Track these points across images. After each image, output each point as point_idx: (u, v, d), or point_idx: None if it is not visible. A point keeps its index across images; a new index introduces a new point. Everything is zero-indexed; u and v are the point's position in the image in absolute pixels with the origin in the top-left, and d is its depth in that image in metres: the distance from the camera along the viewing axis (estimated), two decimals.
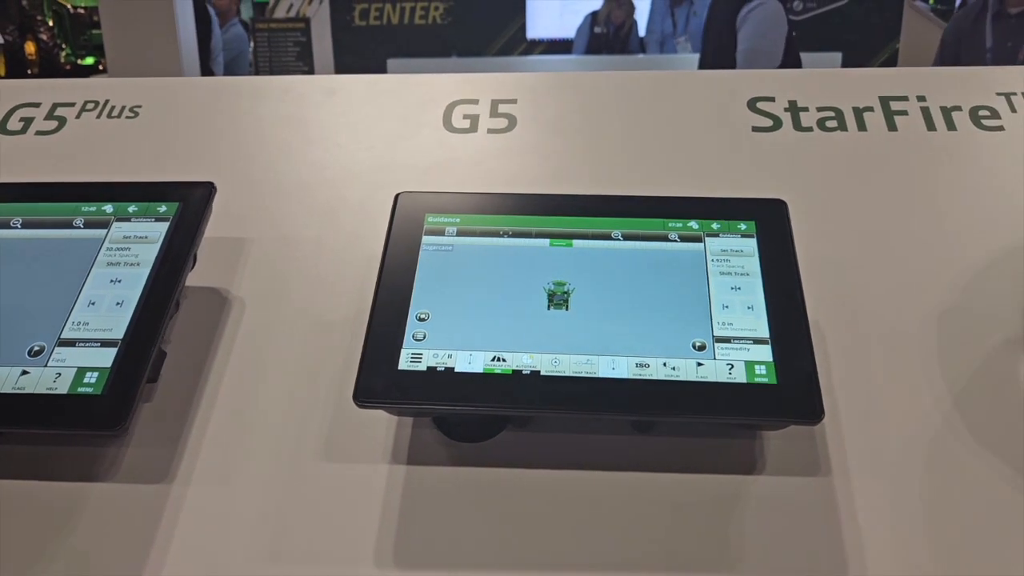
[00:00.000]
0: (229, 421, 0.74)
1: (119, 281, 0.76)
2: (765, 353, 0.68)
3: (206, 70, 4.26)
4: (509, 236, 0.77)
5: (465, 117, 0.99)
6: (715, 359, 0.68)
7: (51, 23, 6.79)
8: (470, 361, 0.69)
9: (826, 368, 0.75)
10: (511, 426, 0.73)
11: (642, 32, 5.70)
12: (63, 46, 6.83)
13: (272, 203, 0.91)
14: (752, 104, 0.97)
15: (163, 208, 0.81)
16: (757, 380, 0.67)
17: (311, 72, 5.44)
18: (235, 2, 5.13)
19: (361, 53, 6.21)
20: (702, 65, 3.97)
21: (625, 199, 0.79)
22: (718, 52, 3.91)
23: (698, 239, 0.76)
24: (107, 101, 1.02)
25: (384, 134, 0.98)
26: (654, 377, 0.67)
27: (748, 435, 0.71)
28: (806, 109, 0.96)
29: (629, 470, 0.70)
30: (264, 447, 0.73)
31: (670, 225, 0.77)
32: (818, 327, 0.78)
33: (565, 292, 0.73)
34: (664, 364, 0.68)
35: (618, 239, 0.76)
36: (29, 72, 6.43)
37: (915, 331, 0.77)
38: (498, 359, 0.69)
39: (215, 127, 1.00)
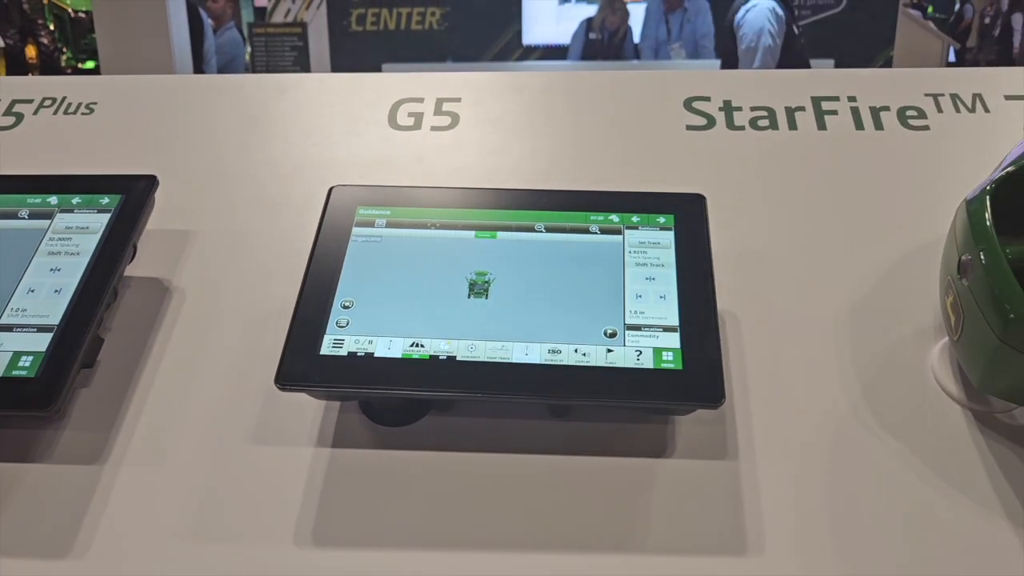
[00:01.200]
0: (163, 405, 0.77)
1: (59, 270, 0.78)
2: (673, 340, 0.71)
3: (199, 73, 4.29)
4: (436, 228, 0.79)
5: (410, 115, 1.02)
6: (625, 346, 0.71)
7: (52, 27, 6.83)
8: (389, 347, 0.71)
9: (740, 357, 0.77)
10: (434, 411, 0.75)
11: (637, 39, 5.73)
12: (64, 50, 6.88)
13: (218, 197, 0.94)
14: (688, 103, 1.00)
15: (106, 200, 0.83)
16: (664, 366, 0.69)
17: None
18: (231, 6, 5.16)
19: (357, 58, 6.24)
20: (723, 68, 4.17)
21: (550, 193, 0.82)
22: (727, 56, 4.07)
23: (618, 231, 0.78)
24: (64, 98, 1.05)
25: (331, 131, 1.00)
26: (565, 363, 0.70)
27: (660, 420, 0.74)
28: (740, 109, 0.99)
29: (546, 453, 0.72)
30: (196, 430, 0.75)
31: (592, 218, 0.79)
32: (735, 317, 0.80)
33: (486, 281, 0.75)
34: (575, 350, 0.70)
35: (541, 231, 0.79)
36: (30, 75, 6.47)
37: (829, 322, 0.79)
38: (416, 345, 0.71)
39: (168, 123, 1.03)
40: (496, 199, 0.81)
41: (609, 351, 0.70)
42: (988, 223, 0.67)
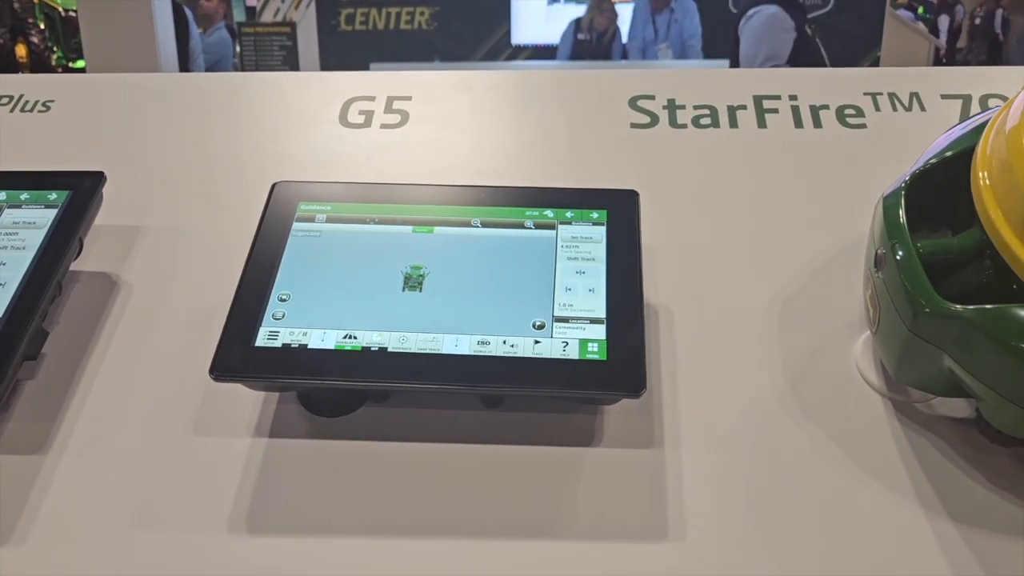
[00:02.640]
0: (106, 397, 0.78)
1: (4, 264, 0.80)
2: (599, 332, 0.73)
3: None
4: (375, 223, 0.81)
5: (360, 113, 1.04)
6: (552, 337, 0.72)
7: (42, 26, 6.82)
8: (323, 339, 0.73)
9: (671, 349, 0.79)
10: (370, 402, 0.77)
11: (625, 39, 5.75)
12: (54, 49, 6.87)
13: (169, 194, 0.96)
14: (633, 102, 1.02)
15: (53, 196, 0.85)
16: (588, 356, 0.71)
17: None
18: (223, 7, 5.17)
19: (346, 57, 6.24)
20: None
21: (487, 189, 0.83)
22: (735, 59, 4.11)
23: (552, 227, 0.80)
24: (21, 96, 1.07)
25: (283, 129, 1.02)
26: (493, 353, 0.72)
27: (590, 411, 0.76)
28: (683, 107, 1.00)
29: (479, 443, 0.74)
30: (138, 421, 0.77)
31: (527, 214, 0.81)
32: (669, 311, 0.82)
33: (420, 275, 0.77)
34: (504, 342, 0.72)
35: (477, 226, 0.81)
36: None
37: (759, 315, 0.81)
38: (349, 336, 0.73)
39: (123, 121, 1.04)
40: (434, 195, 0.83)
41: (537, 342, 0.72)
42: (901, 218, 0.69)
